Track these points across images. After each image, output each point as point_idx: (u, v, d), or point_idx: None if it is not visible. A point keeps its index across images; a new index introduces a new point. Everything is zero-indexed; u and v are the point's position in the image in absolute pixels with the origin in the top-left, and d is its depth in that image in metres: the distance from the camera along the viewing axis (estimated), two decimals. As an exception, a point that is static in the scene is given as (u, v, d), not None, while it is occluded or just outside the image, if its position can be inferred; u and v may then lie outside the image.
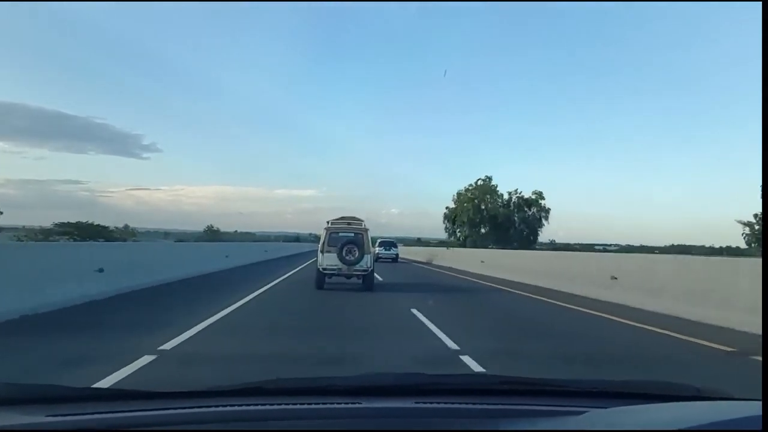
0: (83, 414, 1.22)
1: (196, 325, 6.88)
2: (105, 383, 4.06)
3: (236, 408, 1.29)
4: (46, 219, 54.83)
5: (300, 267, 22.24)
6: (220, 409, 1.27)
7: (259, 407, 1.31)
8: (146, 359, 4.92)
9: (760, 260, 9.90)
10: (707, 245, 70.12)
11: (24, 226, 37.98)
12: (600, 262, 15.28)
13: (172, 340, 5.84)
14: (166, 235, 75.91)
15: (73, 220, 31.62)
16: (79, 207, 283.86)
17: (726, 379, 5.14)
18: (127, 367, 4.62)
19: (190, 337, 6.19)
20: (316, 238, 16.51)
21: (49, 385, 1.39)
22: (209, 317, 7.59)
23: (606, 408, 1.29)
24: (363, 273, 12.44)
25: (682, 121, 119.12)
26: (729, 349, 6.61)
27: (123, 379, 4.30)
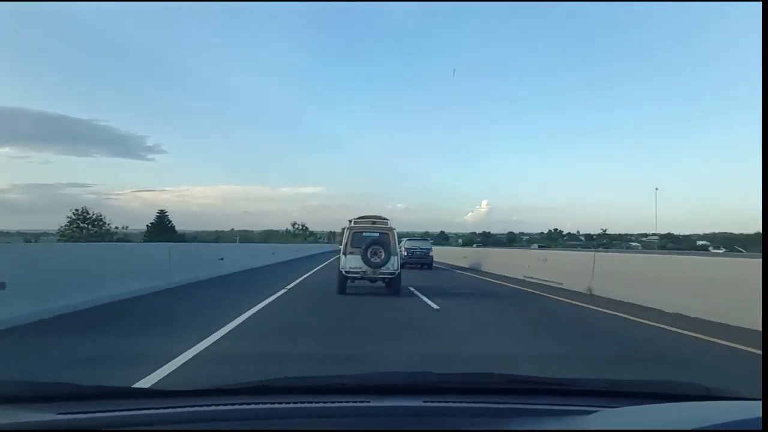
0: (94, 412, 1.22)
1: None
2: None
3: (244, 407, 1.29)
4: (53, 223, 54.27)
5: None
6: (228, 407, 1.28)
7: (267, 406, 1.31)
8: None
9: None
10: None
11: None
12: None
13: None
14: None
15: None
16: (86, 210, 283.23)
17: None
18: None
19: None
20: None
21: (60, 383, 1.40)
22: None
23: (615, 407, 1.28)
24: (389, 276, 11.56)
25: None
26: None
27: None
